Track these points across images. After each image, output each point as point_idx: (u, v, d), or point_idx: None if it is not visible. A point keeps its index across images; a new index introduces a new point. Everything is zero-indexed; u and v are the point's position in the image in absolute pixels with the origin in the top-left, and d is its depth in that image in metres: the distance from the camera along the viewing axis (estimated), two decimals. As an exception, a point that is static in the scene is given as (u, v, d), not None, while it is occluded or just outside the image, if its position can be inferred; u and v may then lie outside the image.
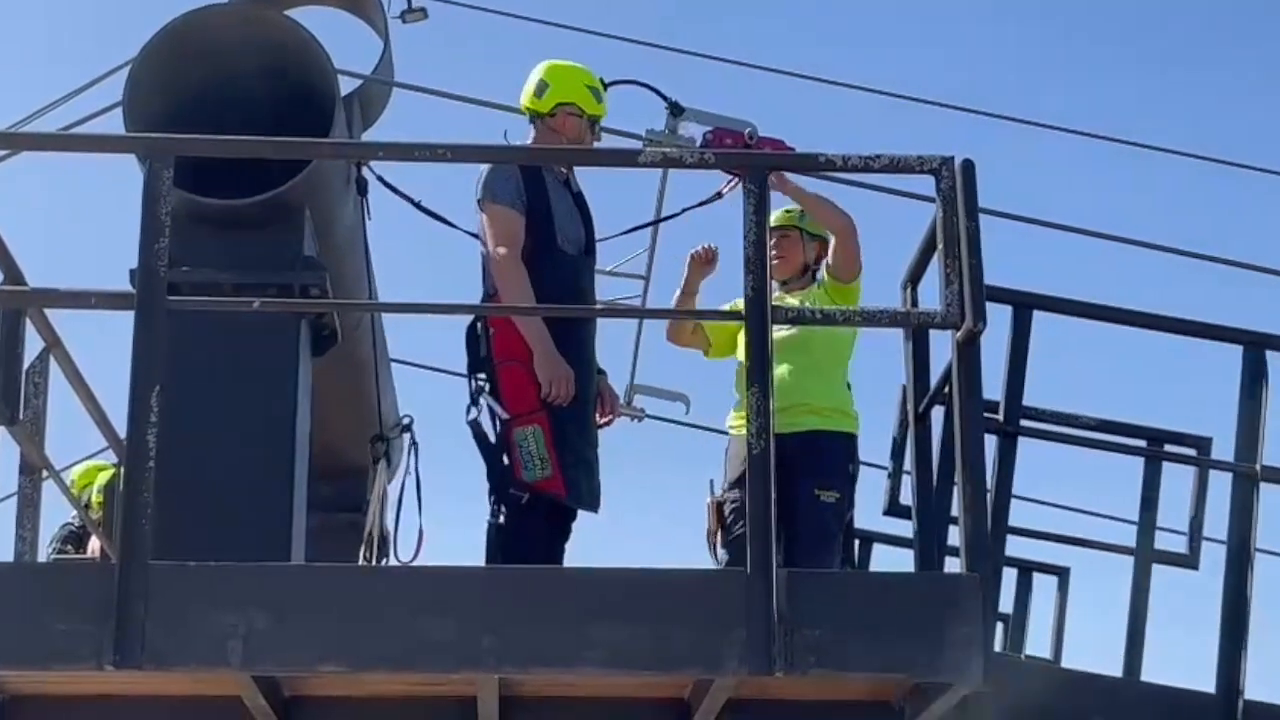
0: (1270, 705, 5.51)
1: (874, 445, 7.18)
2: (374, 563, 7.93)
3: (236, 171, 5.45)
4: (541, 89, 6.02)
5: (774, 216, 6.41)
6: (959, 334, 4.77)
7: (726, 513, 6.57)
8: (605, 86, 6.06)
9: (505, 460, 5.95)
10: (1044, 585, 8.65)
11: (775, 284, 6.27)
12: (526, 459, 5.93)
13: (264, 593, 4.48)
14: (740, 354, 6.50)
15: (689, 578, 5.10)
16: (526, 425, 5.91)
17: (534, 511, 5.99)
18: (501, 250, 5.80)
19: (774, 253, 6.19)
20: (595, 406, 6.23)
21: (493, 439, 5.97)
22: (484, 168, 5.89)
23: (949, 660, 4.51)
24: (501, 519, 5.98)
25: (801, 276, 6.64)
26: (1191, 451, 6.53)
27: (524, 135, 6.03)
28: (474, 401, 6.06)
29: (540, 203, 5.87)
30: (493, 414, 5.97)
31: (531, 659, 4.54)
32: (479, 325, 5.96)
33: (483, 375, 6.01)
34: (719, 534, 6.56)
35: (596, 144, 6.10)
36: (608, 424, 6.33)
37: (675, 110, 4.58)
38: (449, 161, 4.77)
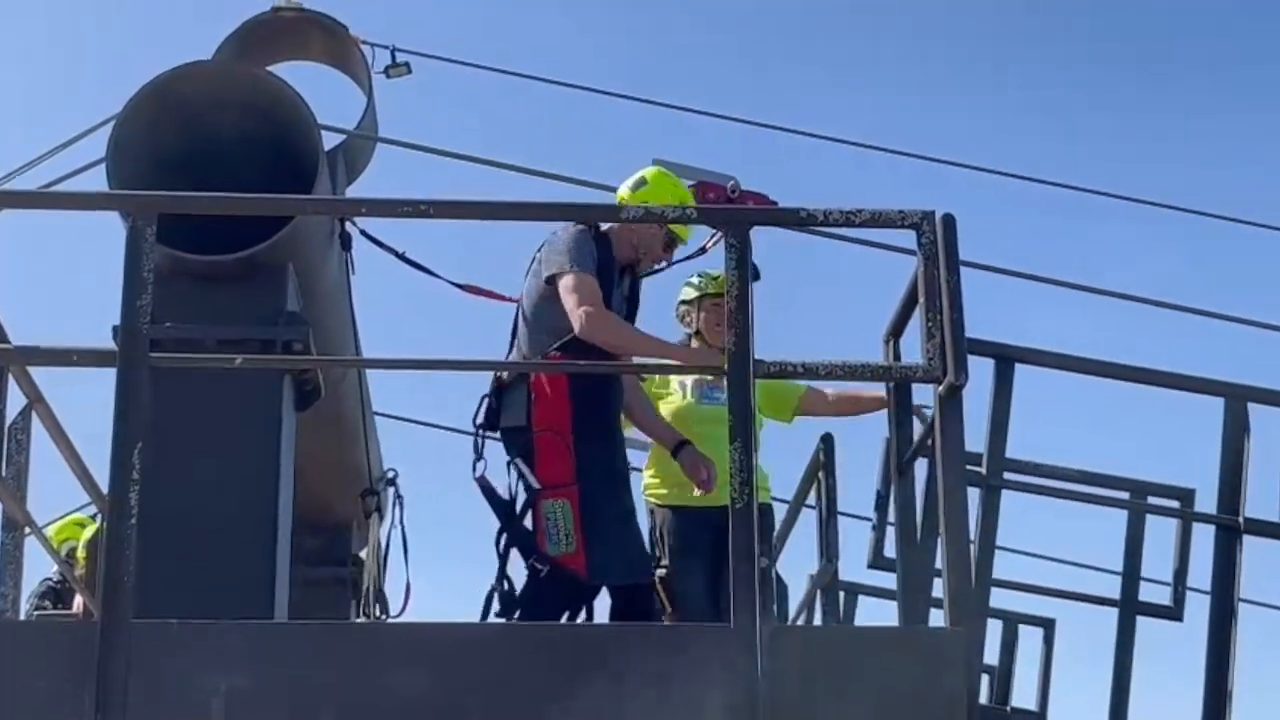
0: (1255, 759, 5.50)
1: (858, 497, 7.21)
2: (372, 617, 7.92)
3: (220, 228, 5.47)
4: (639, 185, 6.04)
5: (716, 283, 6.46)
6: (941, 388, 4.78)
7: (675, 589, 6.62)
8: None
9: (529, 527, 5.93)
10: (1030, 637, 8.61)
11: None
12: (552, 532, 5.88)
13: (246, 650, 4.47)
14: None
15: (674, 633, 5.12)
16: (556, 499, 5.88)
17: (554, 583, 5.93)
18: (592, 309, 5.74)
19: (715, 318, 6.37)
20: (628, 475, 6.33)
21: (507, 498, 5.94)
22: (556, 237, 5.82)
23: (933, 715, 4.50)
24: (508, 584, 5.95)
25: None
26: (1175, 503, 6.52)
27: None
28: (480, 456, 6.02)
29: (605, 283, 5.89)
30: (522, 478, 5.94)
31: (512, 716, 4.53)
32: (517, 386, 5.90)
33: (498, 436, 5.98)
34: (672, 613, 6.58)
35: (665, 264, 6.19)
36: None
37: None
38: (432, 217, 4.78)
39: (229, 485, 5.48)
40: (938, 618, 4.94)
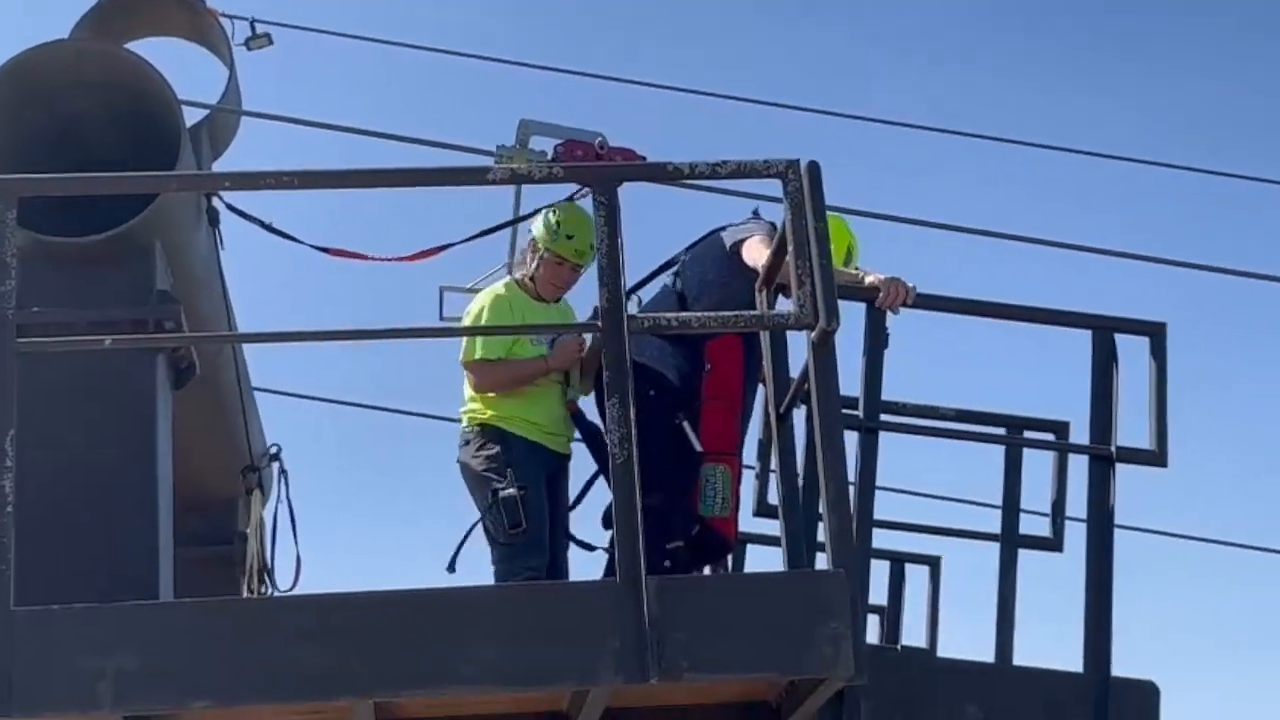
0: (1137, 680, 5.60)
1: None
2: (258, 593, 7.87)
3: (85, 209, 5.40)
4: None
5: (576, 253, 6.53)
6: (814, 334, 4.83)
7: None
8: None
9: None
10: (918, 576, 8.73)
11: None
12: (709, 494, 6.21)
13: (131, 632, 4.46)
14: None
15: (561, 591, 5.15)
16: (718, 464, 6.20)
17: (699, 540, 6.27)
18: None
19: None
20: None
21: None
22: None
23: (819, 656, 4.58)
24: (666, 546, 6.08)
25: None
26: (1050, 436, 6.64)
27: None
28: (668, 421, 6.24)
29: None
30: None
31: (405, 682, 4.55)
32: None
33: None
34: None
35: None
36: None
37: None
38: (295, 189, 4.77)
39: (106, 468, 5.42)
40: (824, 561, 5.01)
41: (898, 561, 8.51)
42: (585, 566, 6.62)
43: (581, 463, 6.68)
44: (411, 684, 4.56)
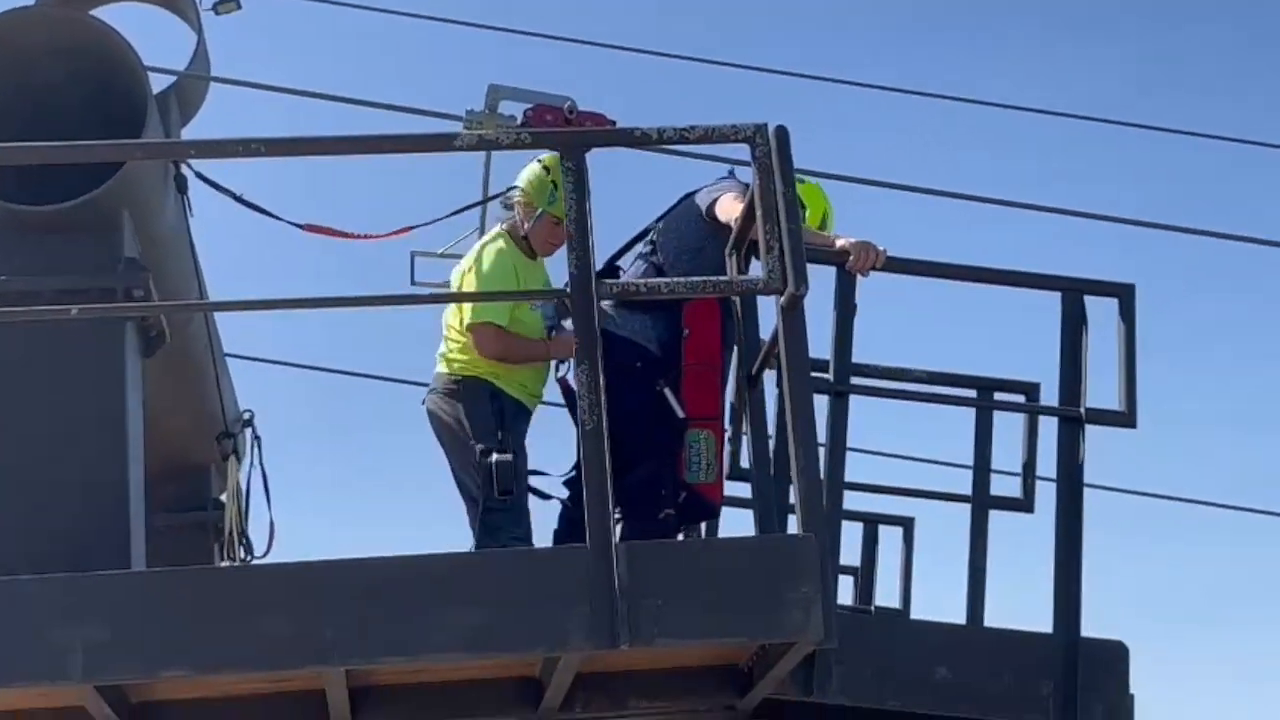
0: (1107, 641, 5.64)
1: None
2: (235, 560, 7.87)
3: (51, 178, 5.37)
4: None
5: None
6: (783, 299, 4.83)
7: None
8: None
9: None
10: (892, 537, 8.78)
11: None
12: (694, 460, 6.18)
13: (102, 602, 4.46)
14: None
15: (531, 558, 5.16)
16: (702, 429, 6.18)
17: (684, 507, 6.27)
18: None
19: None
20: None
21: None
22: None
23: (789, 620, 4.59)
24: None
25: None
26: (1020, 398, 6.67)
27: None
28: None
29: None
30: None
31: (375, 650, 4.56)
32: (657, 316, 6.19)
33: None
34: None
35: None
36: None
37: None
38: (264, 156, 4.75)
39: (76, 437, 5.40)
40: (795, 525, 5.02)
41: (871, 523, 8.57)
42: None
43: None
44: (383, 652, 4.57)
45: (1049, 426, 6.03)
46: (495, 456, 6.17)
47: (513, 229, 6.54)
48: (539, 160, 6.46)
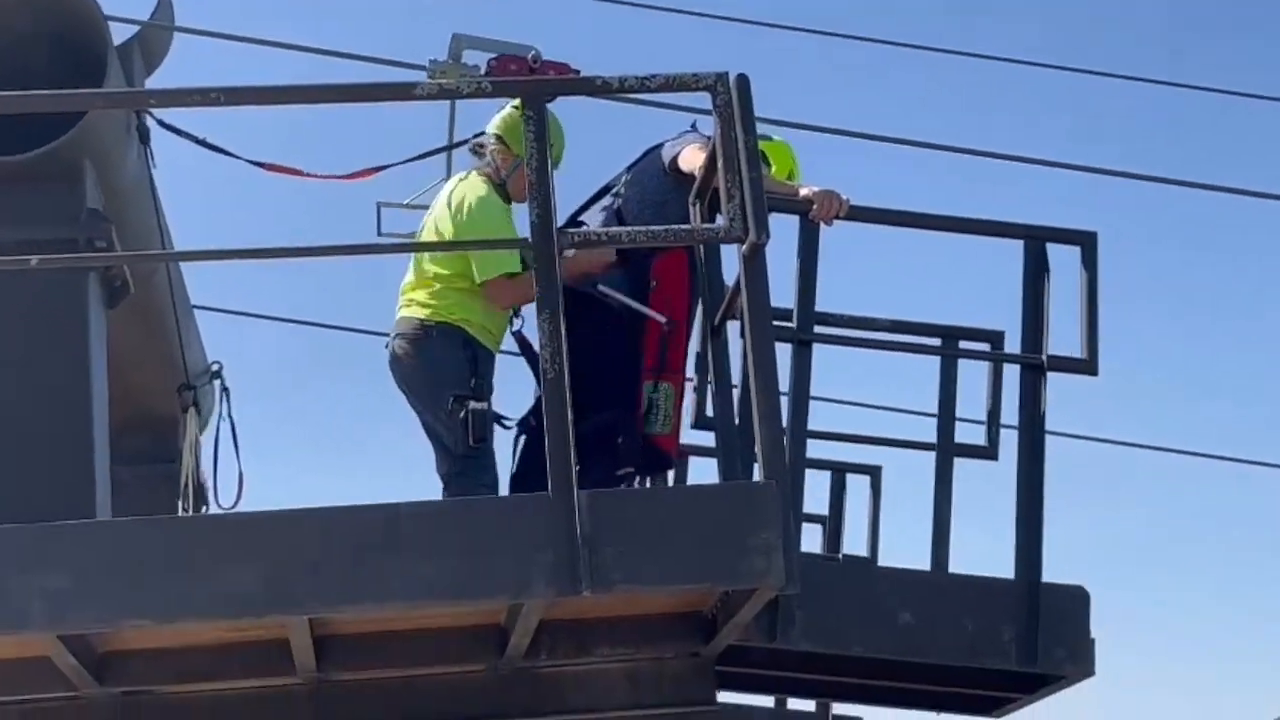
0: (1068, 586, 5.68)
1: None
2: (193, 512, 7.87)
3: (12, 128, 5.35)
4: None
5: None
6: (744, 247, 4.84)
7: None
8: None
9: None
10: (860, 487, 8.82)
11: None
12: (654, 411, 6.25)
13: (63, 551, 4.46)
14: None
15: (494, 505, 5.18)
16: (663, 381, 6.24)
17: (639, 463, 6.32)
18: None
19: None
20: None
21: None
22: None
23: (750, 566, 4.61)
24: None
25: None
26: (985, 346, 6.68)
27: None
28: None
29: None
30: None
31: (339, 598, 4.57)
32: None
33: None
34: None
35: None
36: None
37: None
38: (222, 105, 4.73)
39: (40, 388, 5.41)
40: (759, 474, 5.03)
41: (839, 472, 8.60)
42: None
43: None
44: (346, 600, 4.58)
45: (1015, 375, 6.05)
46: (472, 404, 6.13)
47: (490, 175, 6.48)
48: (514, 105, 6.35)
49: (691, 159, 6.10)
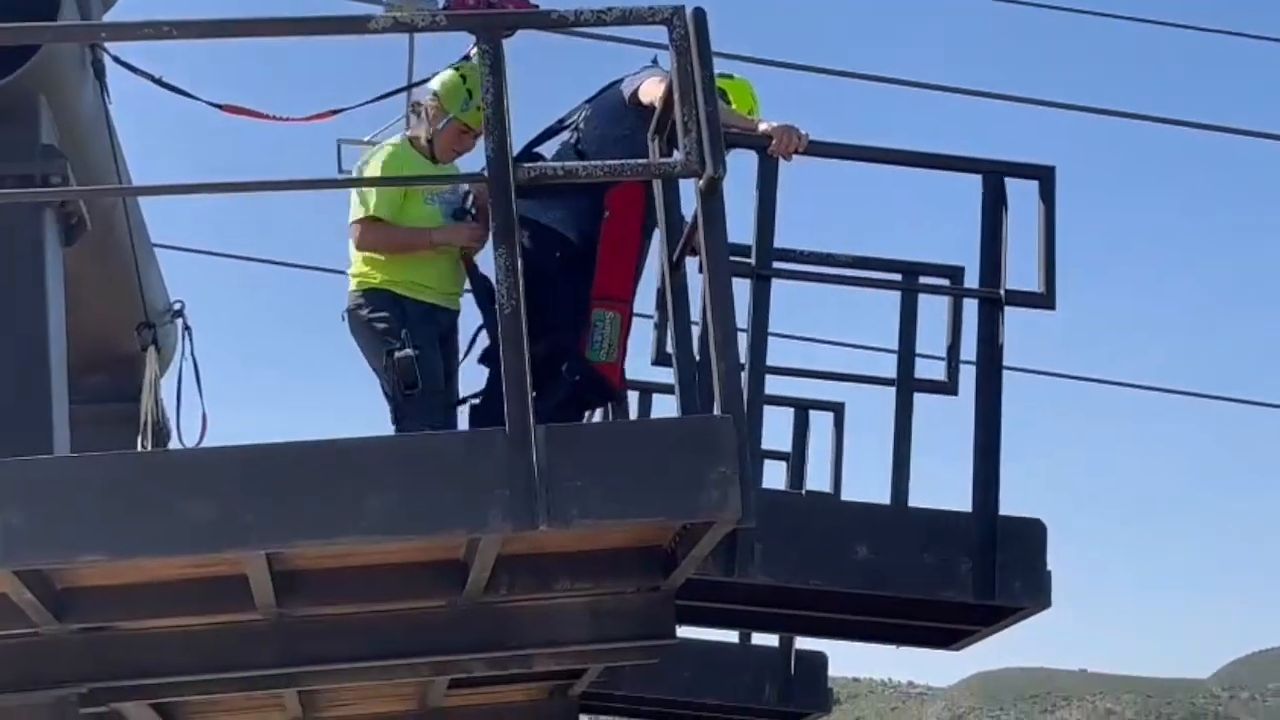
0: (1025, 519, 5.71)
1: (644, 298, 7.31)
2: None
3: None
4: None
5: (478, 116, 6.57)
6: (701, 182, 4.83)
7: None
8: None
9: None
10: (824, 423, 8.82)
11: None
12: (597, 339, 6.20)
13: (18, 487, 4.44)
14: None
15: (451, 440, 5.17)
16: (609, 310, 6.20)
17: (579, 390, 6.31)
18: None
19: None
20: None
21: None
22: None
23: (706, 499, 4.62)
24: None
25: None
26: (945, 281, 6.70)
27: None
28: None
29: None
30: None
31: (295, 533, 4.58)
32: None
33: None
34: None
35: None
36: None
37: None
38: (175, 39, 4.69)
39: (-4, 325, 5.39)
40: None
41: (802, 409, 8.61)
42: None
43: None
44: (302, 534, 4.59)
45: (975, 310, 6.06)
46: (398, 353, 6.32)
47: (413, 138, 6.66)
48: (456, 68, 6.59)
49: (652, 90, 6.09)
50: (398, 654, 5.62)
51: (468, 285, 6.65)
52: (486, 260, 6.56)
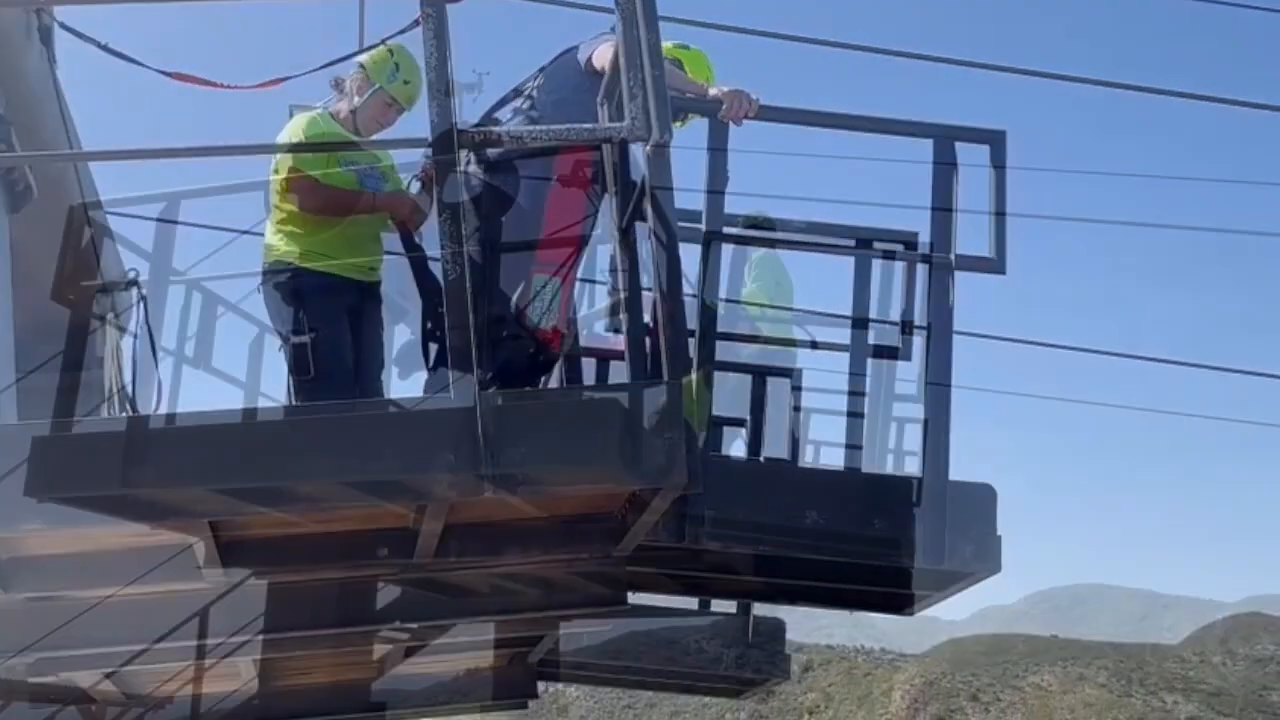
0: (975, 484, 5.71)
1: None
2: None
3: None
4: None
5: (407, 91, 6.65)
6: (648, 146, 4.81)
7: None
8: None
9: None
10: (781, 390, 8.80)
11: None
12: (538, 304, 6.17)
13: (-40, 457, 4.43)
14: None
15: (397, 408, 5.15)
16: (550, 275, 6.17)
17: (519, 352, 6.23)
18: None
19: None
20: None
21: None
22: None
23: (653, 466, 4.62)
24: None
25: None
26: (898, 247, 6.68)
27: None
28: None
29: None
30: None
31: (241, 502, 4.56)
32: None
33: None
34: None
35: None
36: None
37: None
38: (121, 2, 4.66)
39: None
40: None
41: (759, 375, 8.58)
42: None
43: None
44: (248, 502, 4.57)
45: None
46: (293, 339, 6.27)
47: (334, 112, 6.67)
48: (387, 46, 6.64)
49: (604, 56, 6.07)
50: (348, 622, 5.61)
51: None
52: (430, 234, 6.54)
